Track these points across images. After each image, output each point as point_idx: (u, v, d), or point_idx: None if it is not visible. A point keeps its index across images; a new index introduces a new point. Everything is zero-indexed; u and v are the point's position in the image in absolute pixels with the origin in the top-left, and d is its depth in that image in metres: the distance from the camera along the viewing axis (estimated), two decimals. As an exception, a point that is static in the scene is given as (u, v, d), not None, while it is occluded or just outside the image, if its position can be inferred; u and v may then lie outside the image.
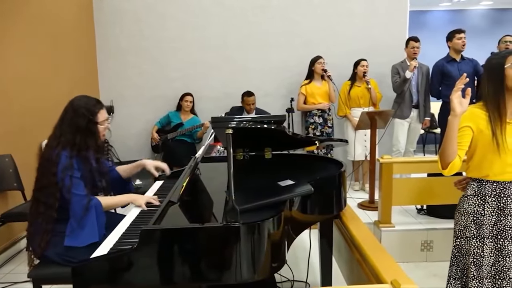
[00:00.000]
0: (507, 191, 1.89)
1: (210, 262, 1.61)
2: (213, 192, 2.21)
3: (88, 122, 2.06)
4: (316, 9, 4.99)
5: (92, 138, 2.07)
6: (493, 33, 6.34)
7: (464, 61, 4.34)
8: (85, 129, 2.05)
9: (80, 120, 2.04)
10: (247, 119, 2.05)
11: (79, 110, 2.05)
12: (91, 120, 2.07)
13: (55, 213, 1.98)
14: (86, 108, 2.06)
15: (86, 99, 2.11)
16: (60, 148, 2.00)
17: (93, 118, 2.07)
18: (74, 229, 1.97)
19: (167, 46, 5.04)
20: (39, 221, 1.99)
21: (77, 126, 2.03)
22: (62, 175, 1.96)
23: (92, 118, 2.07)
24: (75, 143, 2.02)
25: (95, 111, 2.08)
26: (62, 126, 2.05)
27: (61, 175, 1.96)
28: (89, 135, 2.06)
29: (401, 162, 3.56)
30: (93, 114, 2.07)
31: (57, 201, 1.98)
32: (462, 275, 2.02)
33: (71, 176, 1.96)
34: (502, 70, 1.84)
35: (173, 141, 4.84)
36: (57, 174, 1.96)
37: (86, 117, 2.05)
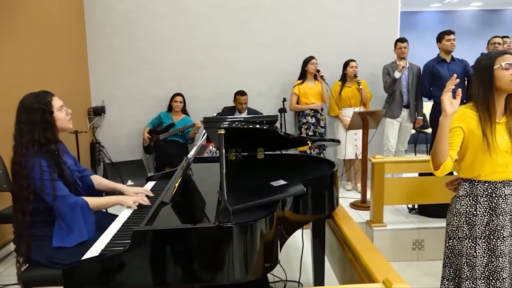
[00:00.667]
0: (498, 191, 1.91)
1: (203, 263, 1.60)
2: (206, 192, 2.21)
3: (44, 114, 1.98)
4: (308, 10, 5.01)
5: (50, 130, 1.99)
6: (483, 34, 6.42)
7: (454, 62, 4.38)
8: (41, 121, 1.98)
9: (35, 115, 1.97)
10: (240, 119, 2.05)
11: (31, 106, 1.98)
12: (46, 111, 1.99)
13: (29, 217, 1.94)
14: (37, 101, 1.99)
15: (35, 94, 2.04)
16: (24, 150, 1.94)
17: (47, 108, 2.00)
18: (61, 229, 1.94)
19: (159, 46, 5.02)
20: (20, 227, 1.96)
21: (33, 122, 1.96)
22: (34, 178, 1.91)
23: (47, 108, 2.00)
24: (35, 140, 1.95)
25: (48, 100, 2.01)
26: (20, 128, 1.98)
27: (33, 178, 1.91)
28: (47, 128, 1.99)
29: (392, 162, 3.59)
30: (46, 104, 2.00)
31: (31, 204, 1.94)
32: (455, 276, 2.03)
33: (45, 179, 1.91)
34: (491, 71, 1.86)
35: (165, 141, 4.82)
36: (28, 176, 1.92)
37: (40, 109, 1.98)
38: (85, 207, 1.99)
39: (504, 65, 1.83)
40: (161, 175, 2.64)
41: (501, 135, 1.88)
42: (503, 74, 1.83)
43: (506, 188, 1.91)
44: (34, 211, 1.96)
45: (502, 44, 4.50)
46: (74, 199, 1.98)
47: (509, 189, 1.91)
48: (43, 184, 1.92)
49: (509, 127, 1.88)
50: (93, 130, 5.04)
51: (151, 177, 2.66)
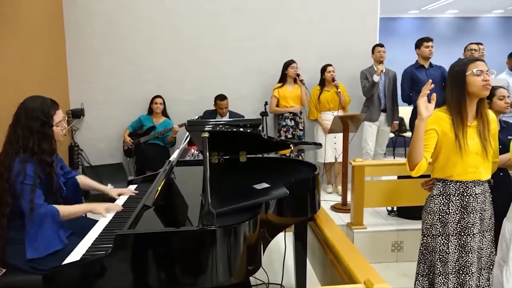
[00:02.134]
0: (469, 190, 1.99)
1: (186, 266, 1.60)
2: (188, 196, 2.20)
3: (43, 125, 1.96)
4: (289, 14, 5.05)
5: (46, 142, 1.98)
6: (459, 41, 6.61)
7: (432, 68, 4.50)
8: (39, 132, 1.95)
9: (34, 123, 1.94)
10: (223, 122, 2.06)
11: (33, 113, 1.95)
12: (46, 123, 1.97)
13: (5, 221, 1.90)
14: (40, 110, 1.97)
15: (41, 101, 2.00)
16: (14, 153, 1.91)
17: (48, 121, 1.98)
18: (32, 239, 1.88)
19: (140, 48, 4.97)
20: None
21: (30, 130, 1.94)
22: (16, 181, 1.88)
23: (47, 121, 1.98)
24: (28, 147, 1.92)
25: (51, 113, 1.99)
26: (16, 130, 1.95)
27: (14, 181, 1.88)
28: (44, 138, 1.97)
29: (372, 165, 3.65)
30: (48, 117, 1.98)
31: (8, 208, 1.90)
32: (429, 272, 2.11)
33: (26, 183, 1.88)
34: (464, 77, 1.94)
35: (146, 144, 4.77)
36: (9, 179, 1.89)
37: (41, 120, 1.95)
38: (56, 216, 1.92)
39: (476, 72, 1.91)
40: (142, 179, 2.62)
41: (472, 138, 1.96)
42: (475, 80, 1.92)
43: (476, 187, 1.99)
44: (12, 215, 1.91)
45: (478, 51, 4.64)
46: (45, 209, 1.91)
47: (479, 188, 2.00)
48: (23, 189, 1.88)
49: (480, 130, 1.96)
50: (72, 133, 4.95)
51: (132, 180, 2.64)
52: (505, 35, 8.95)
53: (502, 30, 9.03)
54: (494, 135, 2.05)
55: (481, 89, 1.91)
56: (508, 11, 8.63)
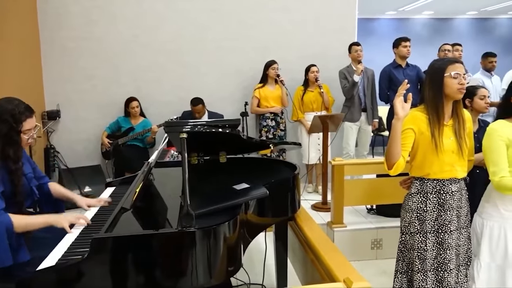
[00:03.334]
0: (446, 187, 2.03)
1: (166, 269, 1.58)
2: (168, 197, 2.18)
3: (10, 130, 1.87)
4: (269, 15, 5.06)
5: (11, 147, 1.88)
6: (434, 41, 6.76)
7: (409, 67, 4.58)
8: (5, 136, 1.87)
9: (1, 126, 1.86)
10: (202, 123, 2.04)
11: (2, 115, 1.86)
12: (14, 128, 1.88)
13: None
14: (11, 114, 1.88)
15: (14, 105, 1.91)
16: None
17: (16, 126, 1.89)
18: None
19: (118, 48, 4.90)
20: None
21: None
22: None
23: (15, 126, 1.88)
24: None
25: (21, 119, 1.90)
26: None
27: None
28: (9, 143, 1.87)
29: (351, 164, 3.69)
30: (17, 122, 1.89)
31: None
32: (408, 269, 2.13)
33: None
34: (442, 77, 1.97)
35: (124, 146, 4.70)
36: None
37: (9, 124, 1.87)
38: (9, 227, 1.75)
39: (453, 74, 1.94)
40: (120, 181, 2.58)
41: (448, 137, 2.00)
42: (452, 82, 1.95)
43: (453, 185, 2.03)
44: None
45: (451, 51, 4.75)
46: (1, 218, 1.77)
47: (455, 186, 2.04)
48: None
49: (455, 129, 2.00)
50: (47, 135, 4.84)
51: (110, 182, 2.60)
52: (478, 36, 9.20)
53: (475, 31, 9.27)
54: (469, 134, 2.09)
55: (456, 92, 1.95)
56: (482, 13, 8.86)
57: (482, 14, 9.02)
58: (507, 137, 1.98)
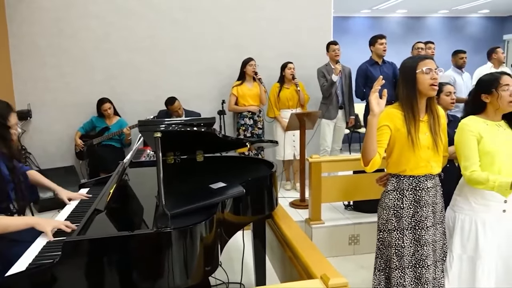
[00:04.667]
0: (421, 184, 2.06)
1: (141, 271, 1.55)
2: (143, 197, 2.14)
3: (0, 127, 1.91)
4: (245, 13, 5.04)
5: (4, 144, 1.91)
6: (408, 39, 6.88)
7: (385, 65, 4.65)
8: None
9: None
10: (177, 122, 2.01)
11: None
12: (3, 125, 1.91)
13: None
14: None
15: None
16: None
17: (5, 123, 1.92)
18: None
19: (91, 46, 4.78)
20: None
21: None
22: None
23: (4, 123, 1.91)
24: None
25: (6, 115, 1.93)
26: None
27: None
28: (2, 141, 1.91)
29: (329, 161, 3.72)
30: (4, 118, 1.91)
31: None
32: (386, 266, 2.15)
33: None
34: (414, 74, 2.00)
35: (99, 146, 4.60)
36: None
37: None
38: None
39: (425, 70, 1.97)
40: (95, 182, 2.53)
41: (424, 132, 2.03)
42: (424, 78, 1.98)
43: (428, 181, 2.06)
44: None
45: (424, 49, 4.85)
46: None
47: (431, 182, 2.07)
48: None
49: (430, 125, 2.04)
50: (18, 136, 4.69)
51: (84, 184, 2.54)
52: (450, 34, 9.42)
53: (447, 30, 9.49)
54: (444, 130, 2.13)
55: (429, 88, 1.98)
56: (453, 12, 9.08)
57: (453, 13, 9.24)
58: (478, 132, 2.03)
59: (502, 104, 2.02)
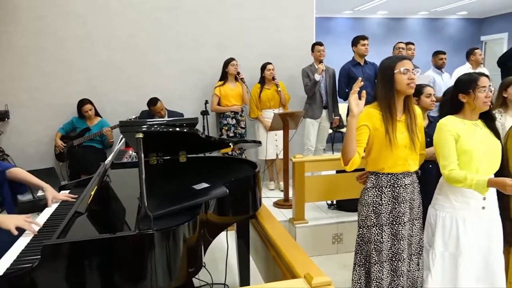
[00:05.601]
0: (399, 181, 2.10)
1: (123, 273, 1.53)
2: (126, 199, 2.12)
3: None
4: (227, 13, 5.03)
5: None
6: (388, 40, 6.98)
7: (367, 65, 4.71)
8: None
9: None
10: (159, 122, 2.00)
11: None
12: None
13: None
14: None
15: None
16: None
17: None
18: None
19: (71, 46, 4.70)
20: None
21: None
22: None
23: None
24: None
25: None
26: None
27: None
28: None
29: (312, 160, 3.74)
30: None
31: None
32: (366, 262, 2.20)
33: None
34: (392, 74, 2.03)
35: (80, 147, 4.53)
36: None
37: None
38: None
39: (403, 70, 2.01)
40: (75, 184, 2.49)
41: (401, 132, 2.07)
42: (402, 78, 2.02)
43: (406, 178, 2.11)
44: None
45: (405, 49, 4.93)
46: None
47: (408, 179, 2.12)
48: None
49: (408, 125, 2.08)
50: (-4, 137, 4.59)
51: (65, 186, 2.49)
52: (430, 35, 9.58)
53: (427, 31, 9.66)
54: (420, 129, 2.17)
55: (407, 87, 2.03)
56: (432, 13, 9.24)
57: (433, 14, 9.41)
58: (456, 131, 2.07)
59: (478, 104, 2.07)
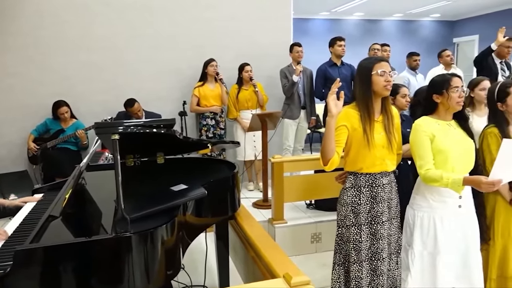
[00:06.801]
0: (377, 181, 2.13)
1: (100, 277, 1.51)
2: (102, 202, 2.08)
3: None
4: (204, 13, 5.00)
5: None
6: (365, 41, 7.08)
7: (344, 66, 4.77)
8: None
9: None
10: (135, 123, 1.97)
11: None
12: None
13: None
14: None
15: None
16: None
17: None
18: None
19: (44, 45, 4.58)
20: None
21: None
22: None
23: None
24: None
25: None
26: None
27: None
28: None
29: (290, 160, 3.76)
30: None
31: None
32: (345, 261, 2.21)
33: None
34: (369, 75, 2.06)
35: (54, 149, 4.42)
36: None
37: None
38: None
39: (380, 72, 2.04)
40: (49, 187, 2.42)
41: (378, 132, 2.10)
42: (379, 80, 2.05)
43: (384, 178, 2.14)
44: None
45: (380, 51, 5.02)
46: None
47: (386, 179, 2.15)
48: None
49: (385, 125, 2.11)
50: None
51: (38, 189, 2.43)
52: (404, 37, 9.79)
53: (401, 32, 9.86)
54: (397, 129, 2.21)
55: (383, 89, 2.06)
56: (407, 15, 9.45)
57: (407, 17, 9.62)
58: (431, 132, 2.11)
59: (451, 104, 2.12)
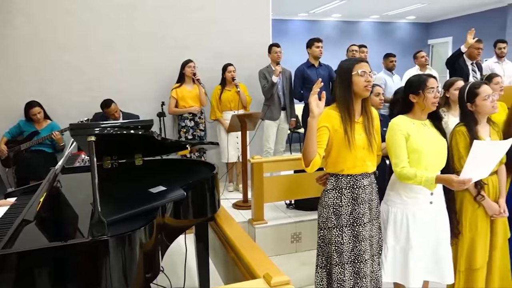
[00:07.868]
0: (358, 182, 2.14)
1: (77, 281, 1.47)
2: (78, 205, 2.03)
3: None
4: (183, 14, 4.96)
5: None
6: (342, 42, 7.18)
7: (321, 67, 4.81)
8: None
9: None
10: (112, 124, 1.94)
11: None
12: None
13: None
14: None
15: None
16: None
17: None
18: None
19: (18, 45, 4.45)
20: None
21: None
22: None
23: None
24: None
25: None
26: None
27: None
28: None
29: (270, 161, 3.77)
30: None
31: None
32: (327, 263, 2.21)
33: None
34: (350, 76, 2.07)
35: (28, 152, 4.30)
36: None
37: None
38: None
39: (360, 72, 2.06)
40: (23, 190, 2.35)
41: (359, 133, 2.11)
42: (359, 80, 2.06)
43: (364, 179, 2.15)
44: None
45: (358, 52, 5.09)
46: None
47: (367, 180, 2.17)
48: None
49: (365, 126, 2.13)
50: None
51: (11, 193, 2.36)
52: (381, 38, 9.97)
53: (378, 34, 10.04)
54: (377, 130, 2.23)
55: (363, 89, 2.06)
56: (383, 17, 9.62)
57: (384, 18, 9.79)
58: (406, 131, 2.16)
59: (427, 105, 2.17)
